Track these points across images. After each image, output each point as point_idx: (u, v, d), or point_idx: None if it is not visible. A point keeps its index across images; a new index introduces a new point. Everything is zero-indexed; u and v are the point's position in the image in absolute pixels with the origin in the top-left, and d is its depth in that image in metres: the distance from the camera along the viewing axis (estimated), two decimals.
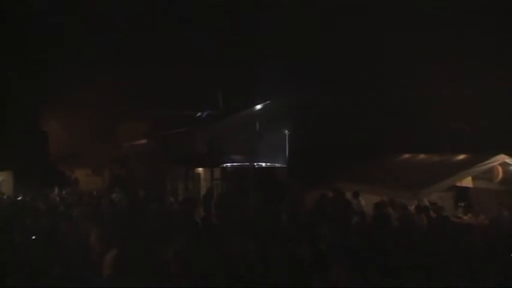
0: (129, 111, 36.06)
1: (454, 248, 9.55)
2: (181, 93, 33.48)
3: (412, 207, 13.45)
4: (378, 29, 25.56)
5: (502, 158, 14.17)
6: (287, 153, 21.26)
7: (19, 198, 20.01)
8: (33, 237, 11.49)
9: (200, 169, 23.65)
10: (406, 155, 18.40)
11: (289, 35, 29.88)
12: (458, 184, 15.42)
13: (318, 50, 27.55)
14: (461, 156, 15.31)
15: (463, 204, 15.59)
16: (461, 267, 8.29)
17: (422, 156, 17.56)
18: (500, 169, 14.48)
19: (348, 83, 24.46)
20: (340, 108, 22.40)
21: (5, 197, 20.44)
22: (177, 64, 35.49)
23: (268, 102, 23.76)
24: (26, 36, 31.76)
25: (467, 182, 15.51)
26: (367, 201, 14.99)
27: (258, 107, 23.73)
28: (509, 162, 14.26)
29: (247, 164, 20.93)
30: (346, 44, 26.06)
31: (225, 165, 21.26)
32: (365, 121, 22.28)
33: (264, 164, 21.43)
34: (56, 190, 20.99)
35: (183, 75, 34.40)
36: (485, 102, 19.99)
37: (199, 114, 29.31)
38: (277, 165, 21.48)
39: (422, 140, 19.67)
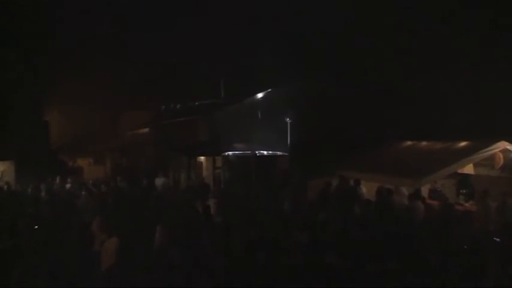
0: (132, 100, 36.16)
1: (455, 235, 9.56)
2: (183, 83, 33.53)
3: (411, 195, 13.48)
4: (378, 22, 25.58)
5: (503, 144, 14.15)
6: (289, 142, 21.26)
7: (21, 188, 20.06)
8: (36, 227, 11.54)
9: (202, 158, 23.68)
10: (408, 143, 18.38)
11: (290, 24, 29.87)
12: (459, 171, 15.42)
13: (320, 39, 27.53)
14: (463, 144, 15.29)
15: (464, 191, 15.59)
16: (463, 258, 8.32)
17: (423, 143, 17.54)
18: (501, 156, 14.48)
19: (350, 72, 24.48)
20: (341, 96, 22.42)
21: (7, 187, 20.47)
22: (178, 54, 35.52)
23: (269, 90, 23.73)
24: (27, 28, 31.78)
25: (468, 169, 15.51)
26: (369, 189, 15.05)
27: (260, 95, 23.70)
28: (511, 149, 14.25)
29: (249, 152, 20.93)
30: (349, 33, 26.05)
31: (226, 153, 21.26)
32: (366, 109, 22.29)
33: (265, 153, 21.42)
34: (58, 180, 21.01)
35: (185, 64, 34.45)
36: (486, 89, 20.00)
37: (201, 103, 29.28)
38: (278, 153, 21.47)
39: (423, 128, 19.67)
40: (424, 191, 14.82)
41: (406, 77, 23.12)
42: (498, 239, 9.72)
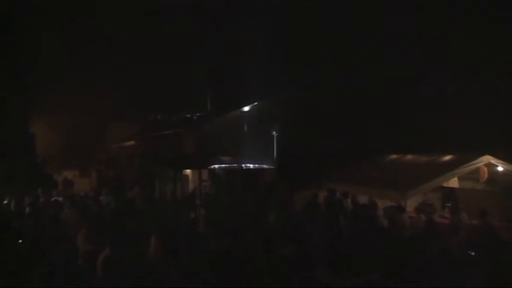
0: (118, 112, 36.06)
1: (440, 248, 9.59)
2: (169, 95, 33.53)
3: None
4: (367, 30, 25.79)
5: (488, 158, 14.31)
6: (275, 155, 21.30)
7: (5, 202, 19.84)
8: (20, 241, 11.43)
9: (188, 171, 23.62)
10: (393, 156, 18.49)
11: (278, 35, 30.02)
12: (444, 184, 15.53)
13: (306, 52, 27.70)
14: (448, 157, 15.43)
15: (449, 204, 15.71)
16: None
17: (409, 156, 17.67)
18: (485, 170, 14.64)
19: (336, 84, 24.65)
20: (327, 109, 22.54)
21: None
22: (165, 65, 35.56)
23: (256, 103, 23.79)
24: (12, 37, 31.62)
25: (453, 182, 15.63)
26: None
27: (246, 108, 23.74)
28: (495, 163, 14.41)
29: (236, 165, 20.96)
30: (335, 44, 26.24)
31: (213, 166, 21.23)
32: (352, 122, 22.42)
33: (252, 166, 21.43)
34: (43, 192, 20.81)
35: (172, 76, 34.47)
36: (471, 103, 20.21)
37: (187, 115, 29.28)
38: (265, 166, 21.49)
39: (409, 141, 19.83)
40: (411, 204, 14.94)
41: (392, 91, 23.32)
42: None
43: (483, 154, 14.36)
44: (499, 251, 9.06)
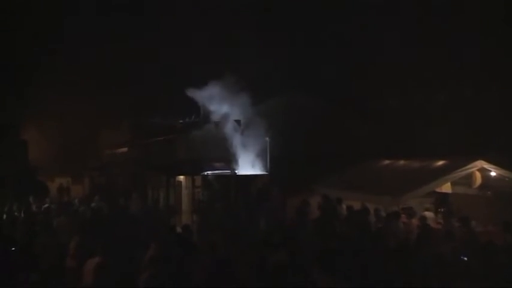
0: (110, 119, 35.97)
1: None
2: (161, 101, 33.45)
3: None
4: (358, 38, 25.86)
5: (481, 163, 14.31)
6: (268, 161, 21.25)
7: None
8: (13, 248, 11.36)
9: (181, 177, 23.56)
10: (386, 161, 18.51)
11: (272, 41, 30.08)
12: (437, 190, 15.53)
13: (298, 56, 27.74)
14: (441, 162, 15.43)
15: (442, 209, 15.72)
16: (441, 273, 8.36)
17: (402, 162, 17.68)
18: (478, 175, 14.63)
19: (328, 90, 24.68)
20: (320, 115, 22.58)
21: None
22: (157, 72, 35.51)
23: (248, 109, 23.75)
24: (6, 46, 31.61)
25: (446, 187, 15.63)
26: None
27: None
28: (488, 168, 14.41)
29: (229, 171, 20.93)
30: (326, 49, 26.28)
31: (206, 173, 21.17)
32: (345, 128, 22.47)
33: (245, 172, 21.39)
34: (36, 199, 20.70)
35: (163, 82, 34.40)
36: (464, 109, 20.27)
37: (180, 122, 29.19)
38: (258, 172, 21.45)
39: (402, 146, 19.88)
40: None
41: (384, 96, 23.39)
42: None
43: (476, 159, 14.37)
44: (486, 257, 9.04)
